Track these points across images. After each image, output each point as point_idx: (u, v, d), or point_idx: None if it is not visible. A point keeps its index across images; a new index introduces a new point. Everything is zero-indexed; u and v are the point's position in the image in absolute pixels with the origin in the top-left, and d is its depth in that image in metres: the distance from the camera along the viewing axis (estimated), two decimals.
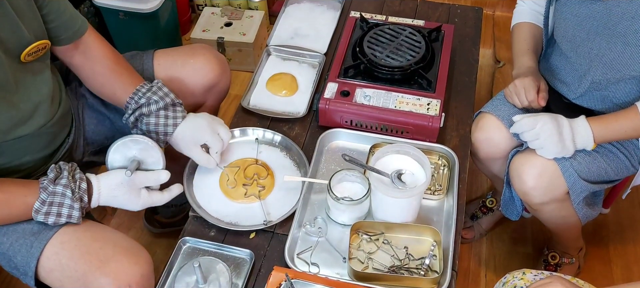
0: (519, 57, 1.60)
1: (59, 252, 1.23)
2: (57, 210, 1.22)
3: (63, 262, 1.23)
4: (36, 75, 1.31)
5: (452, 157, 1.49)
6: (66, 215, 1.23)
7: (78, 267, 1.22)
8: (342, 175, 1.38)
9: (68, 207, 1.23)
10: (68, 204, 1.23)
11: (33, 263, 1.22)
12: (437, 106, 1.52)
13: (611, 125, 1.39)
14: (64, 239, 1.24)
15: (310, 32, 1.89)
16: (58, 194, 1.22)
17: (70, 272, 1.22)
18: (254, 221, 1.40)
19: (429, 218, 1.40)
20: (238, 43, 2.55)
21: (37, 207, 1.21)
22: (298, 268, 1.29)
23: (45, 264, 1.23)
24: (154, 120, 1.41)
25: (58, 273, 1.23)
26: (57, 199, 1.23)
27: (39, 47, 1.27)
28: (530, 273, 1.27)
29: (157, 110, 1.40)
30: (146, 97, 1.40)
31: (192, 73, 1.58)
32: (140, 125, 1.42)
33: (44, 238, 1.23)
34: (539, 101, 1.50)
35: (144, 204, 1.33)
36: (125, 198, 1.31)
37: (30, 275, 1.24)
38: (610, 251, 1.98)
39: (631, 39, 1.34)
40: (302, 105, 1.66)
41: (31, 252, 1.23)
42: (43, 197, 1.22)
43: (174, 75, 1.56)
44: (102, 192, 1.29)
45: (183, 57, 1.59)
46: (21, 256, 1.24)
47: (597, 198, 1.65)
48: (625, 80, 1.43)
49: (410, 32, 1.68)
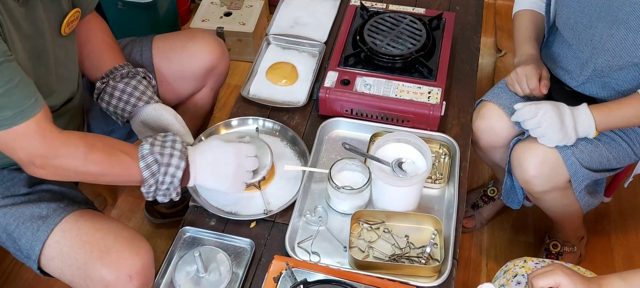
0: (521, 45, 1.59)
1: (60, 240, 1.23)
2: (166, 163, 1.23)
3: (64, 251, 1.23)
4: (69, 49, 1.33)
5: (453, 146, 1.48)
6: (171, 174, 1.24)
7: (79, 256, 1.22)
8: (343, 164, 1.38)
9: (175, 166, 1.23)
10: (175, 163, 1.23)
11: (38, 247, 1.23)
12: (438, 95, 1.51)
13: (613, 113, 1.39)
14: (65, 228, 1.24)
15: (310, 21, 1.88)
16: (166, 149, 1.23)
17: (71, 260, 1.23)
18: (254, 210, 1.40)
19: (429, 207, 1.40)
20: (238, 33, 2.53)
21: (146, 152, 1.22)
22: (299, 257, 1.29)
23: (46, 252, 1.24)
24: (135, 83, 1.42)
25: (59, 261, 1.24)
26: (167, 151, 1.23)
27: (74, 16, 1.29)
28: (531, 261, 1.27)
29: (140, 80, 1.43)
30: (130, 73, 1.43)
31: (192, 57, 1.58)
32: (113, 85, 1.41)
33: (51, 224, 1.24)
34: (541, 89, 1.49)
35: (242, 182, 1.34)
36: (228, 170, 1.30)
37: (34, 259, 1.24)
38: (611, 240, 1.98)
39: (634, 25, 1.33)
40: (302, 95, 1.65)
41: (37, 236, 1.23)
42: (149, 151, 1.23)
43: (174, 59, 1.57)
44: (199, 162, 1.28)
45: (182, 41, 1.59)
46: (26, 239, 1.24)
47: (598, 187, 1.65)
48: (628, 67, 1.42)
49: (410, 20, 1.67)
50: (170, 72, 1.54)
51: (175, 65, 1.56)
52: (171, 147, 1.24)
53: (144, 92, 1.42)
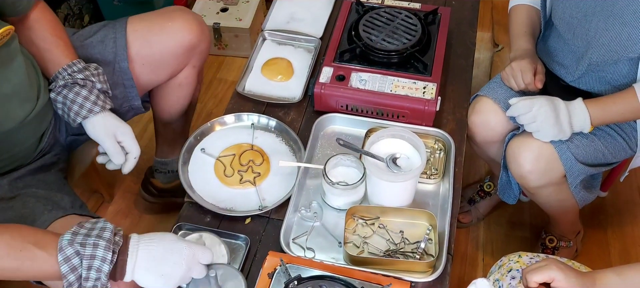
0: (516, 40, 1.59)
1: None
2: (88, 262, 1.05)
3: None
4: (5, 65, 1.24)
5: (448, 141, 1.48)
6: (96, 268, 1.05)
7: None
8: (338, 159, 1.38)
9: (100, 259, 1.04)
10: (100, 255, 1.04)
11: None
12: (433, 90, 1.51)
13: (609, 108, 1.38)
14: None
15: (306, 16, 1.87)
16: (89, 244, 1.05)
17: None
18: (249, 206, 1.40)
19: (424, 202, 1.40)
20: (234, 28, 2.53)
21: None
22: (293, 253, 1.29)
23: None
24: (86, 93, 1.34)
25: None
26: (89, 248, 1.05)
27: (6, 33, 1.21)
28: (526, 256, 1.27)
29: (92, 87, 1.35)
30: (84, 74, 1.35)
31: (172, 36, 1.52)
32: (67, 92, 1.33)
33: None
34: (536, 83, 1.49)
35: None
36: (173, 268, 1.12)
37: None
38: (608, 234, 1.98)
39: (629, 19, 1.33)
40: (297, 90, 1.65)
41: None
42: None
43: (153, 41, 1.51)
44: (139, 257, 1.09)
45: (160, 21, 1.53)
46: None
47: (594, 181, 1.64)
48: (623, 62, 1.41)
49: (406, 15, 1.67)
50: (150, 54, 1.49)
51: (155, 47, 1.51)
52: (97, 236, 1.05)
53: (82, 105, 1.34)
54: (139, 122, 2.36)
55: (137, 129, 2.35)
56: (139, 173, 2.19)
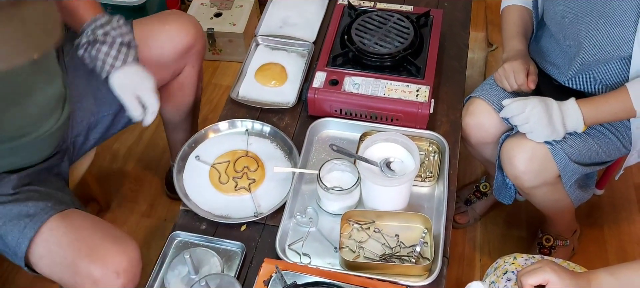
0: (509, 41, 1.59)
1: (48, 238, 1.25)
2: None
3: (52, 249, 1.24)
4: (44, 76, 1.31)
5: (442, 144, 1.48)
6: None
7: (67, 254, 1.23)
8: (332, 164, 1.38)
9: None
10: None
11: (24, 245, 1.24)
12: (426, 92, 1.51)
13: (601, 107, 1.38)
14: (52, 226, 1.25)
15: (299, 21, 1.88)
16: None
17: (59, 258, 1.24)
18: (245, 213, 1.40)
19: (419, 206, 1.40)
20: (228, 33, 2.53)
21: None
22: (289, 259, 1.29)
23: (35, 251, 1.25)
24: (107, 49, 1.38)
25: (47, 259, 1.25)
26: None
27: None
28: (521, 257, 1.27)
29: (113, 42, 1.38)
30: (104, 29, 1.38)
31: (169, 39, 1.58)
32: (90, 50, 1.38)
33: (38, 221, 1.25)
34: (529, 84, 1.49)
35: None
36: None
37: (21, 256, 1.25)
38: (604, 232, 1.98)
39: (619, 19, 1.33)
40: (291, 95, 1.65)
41: (24, 234, 1.24)
42: None
43: (153, 45, 1.56)
44: None
45: (157, 25, 1.59)
46: (12, 237, 1.25)
47: (589, 180, 1.65)
48: (615, 61, 1.42)
49: (398, 18, 1.67)
50: (151, 57, 1.54)
51: (155, 51, 1.56)
52: None
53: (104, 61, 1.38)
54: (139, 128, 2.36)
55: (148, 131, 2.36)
56: (138, 180, 2.21)
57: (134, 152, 2.32)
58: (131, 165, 2.27)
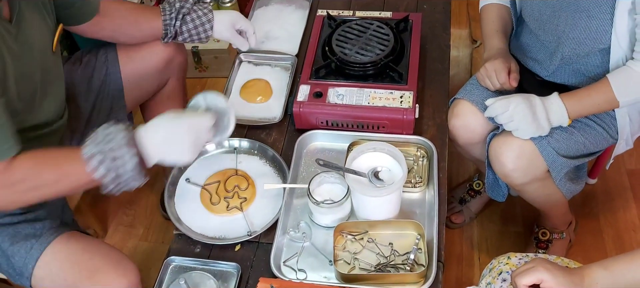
0: (488, 39, 1.59)
1: (50, 261, 1.27)
2: (112, 158, 1.13)
3: (53, 271, 1.27)
4: (57, 65, 1.39)
5: (430, 148, 1.48)
6: (122, 166, 1.14)
7: (67, 277, 1.26)
8: (322, 177, 1.38)
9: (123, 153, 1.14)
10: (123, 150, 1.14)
11: (30, 265, 1.27)
12: (410, 98, 1.51)
13: (584, 100, 1.39)
14: (55, 249, 1.28)
15: (281, 34, 1.88)
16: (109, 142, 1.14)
17: (60, 281, 1.27)
18: (238, 233, 1.39)
19: (411, 212, 1.40)
20: (213, 50, 2.53)
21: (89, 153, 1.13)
22: (285, 276, 1.29)
23: (37, 273, 1.27)
24: (194, 15, 1.57)
25: (48, 281, 1.28)
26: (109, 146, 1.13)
27: (60, 32, 1.36)
28: (515, 257, 1.27)
29: (193, 6, 1.57)
30: (176, 7, 1.55)
31: (150, 52, 1.63)
32: (184, 25, 1.57)
33: (43, 243, 1.28)
34: (511, 82, 1.49)
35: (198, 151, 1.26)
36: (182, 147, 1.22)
37: (27, 276, 1.28)
38: (600, 222, 1.98)
39: (594, 13, 1.33)
40: (278, 110, 1.65)
41: (30, 254, 1.27)
42: None
43: (136, 58, 1.62)
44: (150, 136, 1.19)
45: None
46: (20, 257, 1.28)
47: (580, 172, 1.65)
48: (595, 53, 1.42)
49: (377, 25, 1.67)
50: (135, 71, 1.62)
51: (137, 64, 1.62)
52: (112, 136, 1.15)
53: (197, 29, 1.59)
54: None
55: None
56: (131, 203, 2.21)
57: None
58: None
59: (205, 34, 1.60)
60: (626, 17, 1.31)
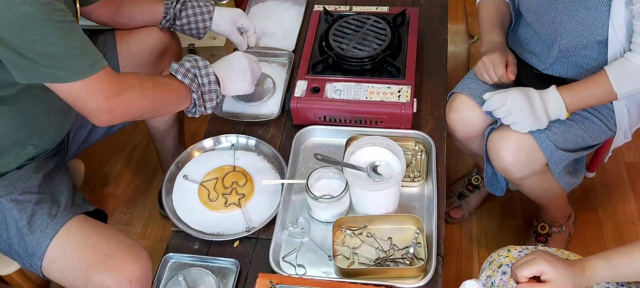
0: (486, 33, 1.59)
1: (64, 243, 1.28)
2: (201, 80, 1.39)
3: (67, 253, 1.27)
4: None
5: (428, 142, 1.47)
6: None
7: (82, 259, 1.26)
8: (320, 172, 1.37)
9: (205, 67, 1.41)
10: (203, 65, 1.42)
11: (45, 244, 1.28)
12: (408, 93, 1.50)
13: (582, 93, 1.39)
14: (70, 232, 1.29)
15: (277, 30, 1.87)
16: None
17: (74, 263, 1.27)
18: (236, 229, 1.39)
19: (410, 206, 1.40)
20: (210, 47, 2.51)
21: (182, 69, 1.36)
22: (284, 271, 1.28)
23: (49, 254, 1.28)
24: (195, 3, 1.63)
25: (61, 263, 1.28)
26: None
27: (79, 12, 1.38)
28: (515, 249, 1.27)
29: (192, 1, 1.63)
30: None
31: (145, 37, 1.66)
32: (184, 11, 1.62)
33: (59, 222, 1.29)
34: (508, 75, 1.49)
35: None
36: None
37: (39, 255, 1.28)
38: (599, 214, 1.98)
39: (591, 4, 1.33)
40: (275, 106, 1.65)
41: (45, 233, 1.28)
42: None
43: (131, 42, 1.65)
44: None
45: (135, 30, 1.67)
46: (34, 236, 1.28)
47: (578, 165, 1.65)
48: (592, 46, 1.42)
49: (374, 20, 1.66)
50: (131, 58, 1.63)
51: (134, 49, 1.65)
52: (194, 60, 1.41)
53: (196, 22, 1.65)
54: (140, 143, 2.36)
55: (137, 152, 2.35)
56: (130, 203, 2.21)
57: (124, 174, 2.31)
58: (122, 189, 2.26)
59: (204, 24, 1.64)
60: (623, 8, 1.31)
